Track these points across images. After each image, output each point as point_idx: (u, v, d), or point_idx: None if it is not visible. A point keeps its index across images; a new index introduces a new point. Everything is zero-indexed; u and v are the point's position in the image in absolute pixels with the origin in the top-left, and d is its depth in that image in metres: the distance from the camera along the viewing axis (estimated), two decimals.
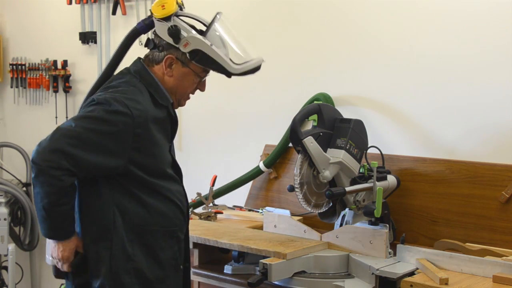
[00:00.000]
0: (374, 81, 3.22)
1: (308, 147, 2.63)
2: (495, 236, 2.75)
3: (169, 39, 2.27)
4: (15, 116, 4.96)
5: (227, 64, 2.29)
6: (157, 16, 2.28)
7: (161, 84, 2.33)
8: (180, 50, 2.29)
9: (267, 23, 3.63)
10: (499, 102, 2.86)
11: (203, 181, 3.51)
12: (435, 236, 2.87)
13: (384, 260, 2.50)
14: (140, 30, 2.34)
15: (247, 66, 2.33)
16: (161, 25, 2.28)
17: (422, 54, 3.07)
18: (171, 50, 2.29)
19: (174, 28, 2.26)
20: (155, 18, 2.29)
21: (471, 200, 2.84)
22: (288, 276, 2.50)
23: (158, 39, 2.31)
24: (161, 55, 2.31)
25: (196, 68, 2.32)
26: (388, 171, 2.92)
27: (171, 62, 2.30)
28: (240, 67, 2.32)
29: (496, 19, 2.86)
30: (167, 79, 2.33)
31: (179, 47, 2.28)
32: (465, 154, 2.93)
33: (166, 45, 2.29)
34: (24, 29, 4.86)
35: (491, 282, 2.25)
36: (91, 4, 4.41)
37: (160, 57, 2.31)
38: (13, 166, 4.91)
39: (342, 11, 3.33)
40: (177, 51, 2.29)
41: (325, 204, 2.77)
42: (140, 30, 2.34)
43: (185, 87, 2.36)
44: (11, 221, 4.57)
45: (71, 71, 4.60)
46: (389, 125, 3.18)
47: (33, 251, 4.85)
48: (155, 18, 2.30)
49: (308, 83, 3.43)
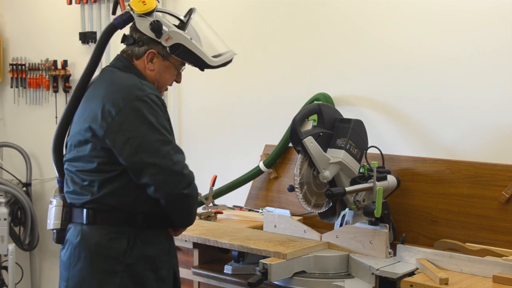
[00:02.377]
0: (374, 81, 3.22)
1: (308, 147, 2.63)
2: (495, 236, 2.75)
3: (151, 33, 2.32)
4: (15, 116, 4.96)
5: (206, 57, 2.39)
6: (138, 12, 2.32)
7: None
8: (161, 45, 2.34)
9: (267, 23, 3.63)
10: (499, 103, 2.86)
11: (203, 181, 3.50)
12: (435, 236, 2.87)
13: (384, 260, 2.50)
14: (118, 26, 2.37)
15: (223, 59, 2.44)
16: (142, 20, 2.32)
17: (422, 54, 3.07)
18: (152, 45, 2.35)
19: (157, 23, 2.31)
20: (135, 14, 2.33)
21: (471, 200, 2.84)
22: (288, 276, 2.50)
23: (138, 34, 2.35)
24: (141, 49, 2.35)
25: (175, 62, 2.39)
26: (388, 171, 2.92)
27: (153, 56, 2.36)
28: (217, 59, 2.42)
29: (496, 20, 2.86)
30: (148, 73, 2.38)
31: (160, 42, 2.33)
32: (465, 154, 2.93)
33: (147, 39, 2.34)
34: (24, 29, 4.86)
35: (491, 282, 2.25)
36: (91, 4, 4.41)
37: (141, 52, 2.36)
38: (13, 166, 4.91)
39: (342, 11, 3.33)
40: (158, 46, 2.35)
41: (325, 204, 2.77)
42: (118, 25, 2.37)
43: (165, 80, 2.42)
44: (11, 221, 4.57)
45: (71, 71, 4.60)
46: (389, 125, 3.18)
47: (33, 251, 4.84)
48: (135, 14, 2.33)
49: (308, 83, 3.44)
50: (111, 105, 2.22)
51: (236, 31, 3.66)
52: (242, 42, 3.70)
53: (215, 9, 3.78)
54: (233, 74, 3.76)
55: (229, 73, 3.79)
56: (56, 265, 4.99)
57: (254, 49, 3.69)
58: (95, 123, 2.23)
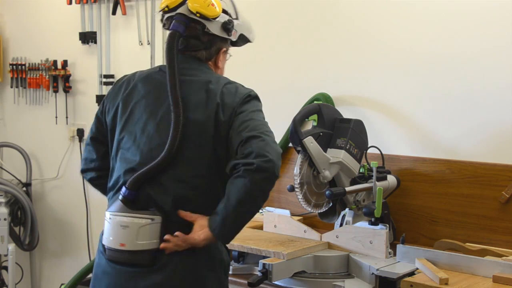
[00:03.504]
0: (374, 81, 3.22)
1: (308, 147, 2.63)
2: (495, 236, 2.75)
3: (223, 33, 2.29)
4: (15, 116, 4.96)
5: (250, 36, 2.42)
6: (211, 16, 2.24)
7: None
8: (227, 40, 2.34)
9: (267, 23, 3.62)
10: (499, 102, 2.86)
11: None
12: (435, 236, 2.87)
13: (384, 260, 2.50)
14: (182, 33, 2.23)
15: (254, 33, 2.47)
16: (213, 23, 2.26)
17: (422, 54, 3.06)
18: (221, 43, 2.32)
19: (230, 22, 2.29)
20: (206, 18, 2.23)
21: (471, 200, 2.84)
22: (288, 276, 2.50)
23: (207, 37, 2.27)
24: (211, 51, 2.31)
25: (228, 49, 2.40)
26: (388, 171, 2.92)
27: (222, 54, 2.35)
28: (252, 34, 2.45)
29: (496, 19, 2.86)
30: (217, 72, 2.37)
31: (230, 38, 2.33)
32: (465, 154, 2.93)
33: (214, 40, 2.30)
34: (24, 29, 4.86)
35: (491, 282, 2.25)
36: (91, 4, 4.41)
37: (212, 54, 2.32)
38: (13, 166, 4.91)
39: (342, 11, 3.33)
40: (225, 42, 2.34)
41: (325, 204, 2.77)
42: (182, 32, 2.23)
43: (223, 71, 2.43)
44: (11, 221, 4.56)
45: (71, 71, 4.59)
46: (389, 125, 3.17)
47: (33, 251, 4.84)
48: (203, 18, 2.23)
49: (308, 83, 3.43)
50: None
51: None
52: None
53: None
54: (233, 74, 3.75)
55: (229, 73, 3.80)
56: (56, 265, 5.01)
57: (254, 49, 3.67)
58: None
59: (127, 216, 2.14)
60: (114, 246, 2.16)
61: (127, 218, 2.14)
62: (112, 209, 2.19)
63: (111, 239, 2.17)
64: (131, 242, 2.13)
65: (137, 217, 2.13)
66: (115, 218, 2.16)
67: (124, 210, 2.15)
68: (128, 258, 2.15)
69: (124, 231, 2.14)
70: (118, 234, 2.15)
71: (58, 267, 4.84)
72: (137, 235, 2.12)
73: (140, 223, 2.12)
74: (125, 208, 2.15)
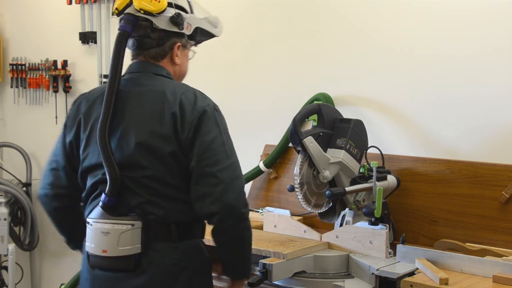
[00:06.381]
0: (374, 81, 3.22)
1: (308, 147, 2.63)
2: (495, 236, 2.75)
3: (173, 27, 2.24)
4: (15, 116, 4.96)
5: (214, 30, 2.37)
6: (155, 11, 2.20)
7: None
8: (183, 35, 2.28)
9: (267, 23, 3.63)
10: (499, 102, 2.86)
11: None
12: (435, 236, 2.87)
13: (384, 260, 2.50)
14: (130, 32, 2.22)
15: (220, 26, 2.41)
16: (160, 18, 2.22)
17: (422, 54, 3.06)
18: (174, 38, 2.28)
19: (178, 15, 2.24)
20: (150, 14, 2.21)
21: (471, 200, 2.84)
22: (288, 276, 2.50)
23: (156, 34, 2.24)
24: (165, 47, 2.27)
25: (190, 46, 2.35)
26: (388, 171, 2.92)
27: (177, 49, 2.29)
28: (218, 28, 2.40)
29: (496, 19, 2.86)
30: (176, 69, 2.32)
31: (183, 32, 2.27)
32: (465, 154, 2.93)
33: (168, 35, 2.26)
34: (24, 29, 4.86)
35: (491, 282, 2.25)
36: (91, 4, 4.41)
37: (166, 50, 2.27)
38: (13, 166, 4.91)
39: (341, 11, 3.33)
40: (180, 37, 2.29)
41: (325, 204, 2.77)
42: (130, 31, 2.22)
43: (187, 69, 2.38)
44: (11, 221, 4.57)
45: (71, 71, 4.60)
46: (389, 125, 3.17)
47: (33, 251, 4.84)
48: (148, 14, 2.21)
49: (308, 83, 3.43)
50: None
51: (236, 32, 3.66)
52: (242, 42, 3.70)
53: (215, 10, 3.76)
54: (233, 74, 3.76)
55: (229, 73, 3.80)
56: (56, 265, 5.01)
57: (254, 49, 3.69)
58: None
59: (108, 223, 2.16)
60: (96, 253, 2.19)
61: (108, 224, 2.16)
62: (92, 215, 2.21)
63: (93, 246, 2.20)
64: (112, 248, 2.15)
65: (117, 223, 2.15)
66: (96, 225, 2.18)
67: (104, 217, 2.17)
68: (110, 264, 2.18)
69: (106, 237, 2.16)
70: (99, 240, 2.17)
71: (58, 267, 4.84)
72: (118, 241, 2.14)
73: (121, 229, 2.14)
74: (106, 215, 2.17)
